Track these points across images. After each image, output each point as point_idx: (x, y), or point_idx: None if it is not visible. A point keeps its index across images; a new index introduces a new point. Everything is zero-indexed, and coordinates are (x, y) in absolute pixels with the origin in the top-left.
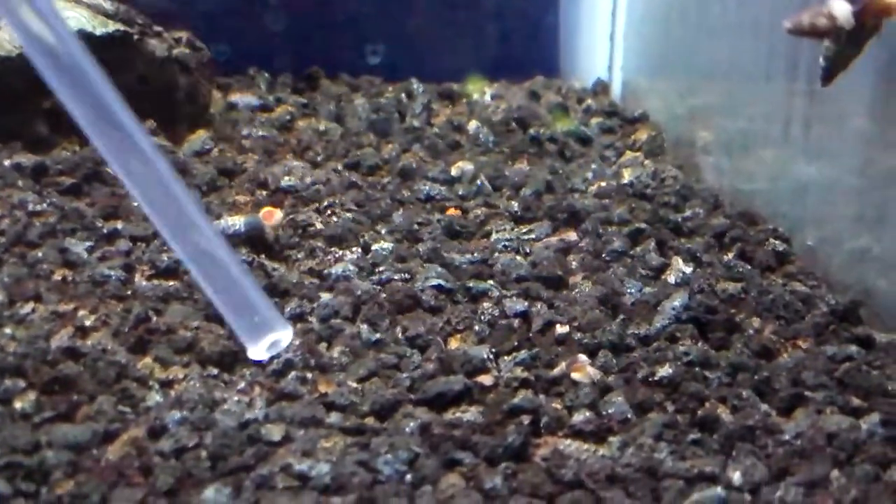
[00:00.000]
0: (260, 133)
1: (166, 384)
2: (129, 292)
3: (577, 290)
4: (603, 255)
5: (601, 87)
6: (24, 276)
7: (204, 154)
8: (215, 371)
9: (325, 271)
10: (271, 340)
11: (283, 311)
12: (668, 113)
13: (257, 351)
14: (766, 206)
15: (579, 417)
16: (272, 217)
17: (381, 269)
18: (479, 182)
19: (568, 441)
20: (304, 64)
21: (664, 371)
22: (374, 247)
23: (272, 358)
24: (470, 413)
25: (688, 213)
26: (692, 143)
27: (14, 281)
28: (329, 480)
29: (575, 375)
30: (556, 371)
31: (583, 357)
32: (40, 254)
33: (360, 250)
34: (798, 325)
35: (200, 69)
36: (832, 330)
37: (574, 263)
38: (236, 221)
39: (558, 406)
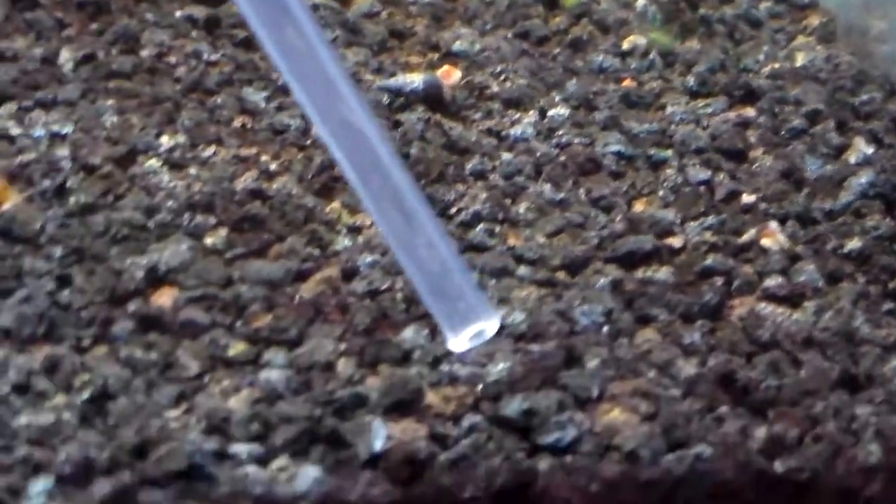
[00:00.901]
0: None
1: (354, 230)
2: (308, 142)
3: (757, 164)
4: (782, 133)
5: None
6: (204, 120)
7: (373, 16)
8: None
9: (504, 132)
10: (476, 330)
11: (463, 168)
12: (839, 0)
13: (459, 342)
14: None
15: (771, 282)
16: (450, 77)
17: (559, 132)
18: (651, 57)
19: (762, 304)
20: None
21: (853, 244)
22: (551, 112)
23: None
24: (661, 273)
25: (864, 97)
26: (865, 32)
27: (195, 124)
28: (525, 328)
29: (764, 241)
30: (745, 238)
31: (773, 224)
32: (219, 100)
33: (536, 114)
34: None
35: None
36: None
37: (753, 138)
38: (414, 79)
39: (749, 270)
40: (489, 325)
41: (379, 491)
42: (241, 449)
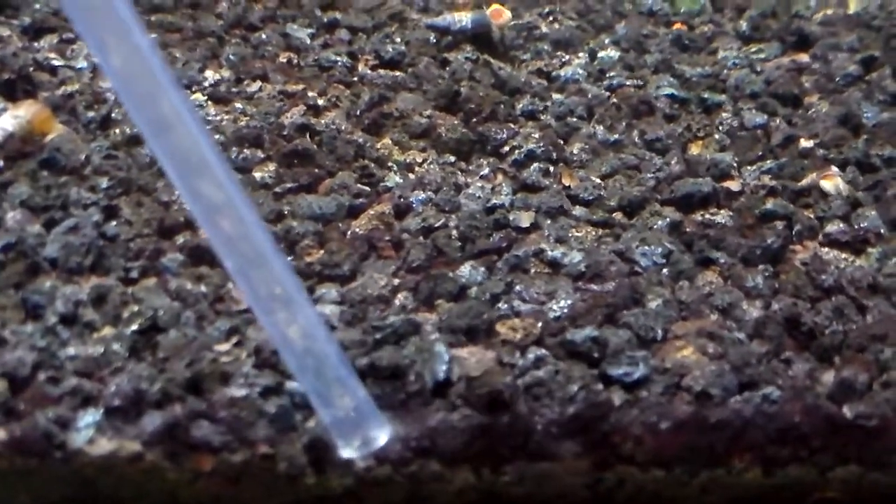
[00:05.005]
0: None
1: (406, 167)
2: (355, 79)
3: (813, 110)
4: (837, 79)
5: None
6: (248, 56)
7: None
8: (452, 158)
9: (554, 73)
10: (366, 438)
11: (514, 108)
12: None
13: (349, 450)
14: None
15: (833, 228)
16: (500, 16)
17: (610, 75)
18: (701, 1)
19: (825, 249)
20: None
21: None
22: (601, 54)
23: (512, 149)
24: (720, 216)
25: None
26: None
27: (239, 59)
28: (584, 268)
29: (824, 184)
30: (804, 182)
31: (834, 168)
32: (263, 36)
33: (586, 56)
34: None
35: None
36: None
37: (808, 84)
38: (463, 17)
39: (810, 215)
40: (381, 434)
41: (443, 420)
42: (295, 385)
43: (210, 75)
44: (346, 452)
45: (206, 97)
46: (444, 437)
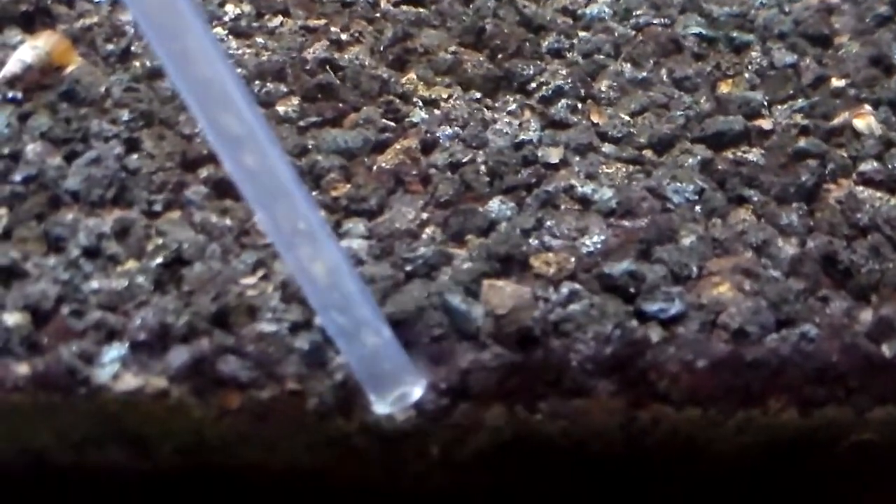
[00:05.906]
0: None
1: (431, 102)
2: (377, 15)
3: (843, 50)
4: (867, 20)
5: None
6: None
7: None
8: (479, 94)
9: (579, 11)
10: (401, 393)
11: (540, 45)
12: None
13: (383, 405)
14: None
15: (867, 167)
16: None
17: (636, 13)
18: None
19: (859, 188)
20: None
21: None
22: None
23: (541, 85)
24: (752, 154)
25: None
26: None
27: None
28: (615, 205)
29: (857, 123)
30: (837, 121)
31: (867, 107)
32: None
33: None
34: None
35: None
36: None
37: (837, 25)
38: None
39: (843, 154)
40: (415, 389)
41: (475, 359)
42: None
43: (230, 10)
44: (380, 408)
45: (226, 31)
46: (477, 374)
